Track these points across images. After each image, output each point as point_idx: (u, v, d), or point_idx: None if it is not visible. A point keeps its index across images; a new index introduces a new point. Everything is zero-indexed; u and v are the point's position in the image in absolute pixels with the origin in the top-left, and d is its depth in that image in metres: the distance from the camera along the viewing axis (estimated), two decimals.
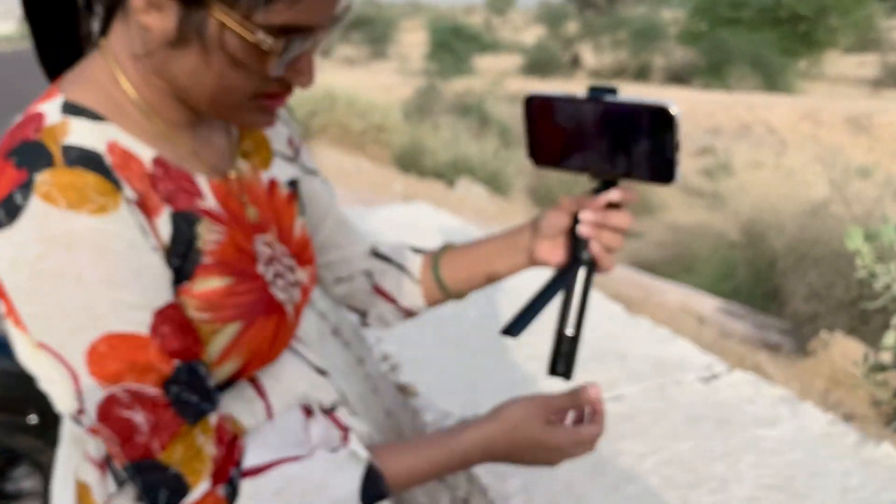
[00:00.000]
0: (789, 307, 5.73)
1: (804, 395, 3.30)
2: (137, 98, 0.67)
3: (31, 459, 1.93)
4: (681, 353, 1.18)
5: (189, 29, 0.61)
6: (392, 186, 7.31)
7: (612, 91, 0.77)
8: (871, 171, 10.51)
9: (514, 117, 13.12)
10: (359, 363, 0.91)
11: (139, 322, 0.60)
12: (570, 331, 0.80)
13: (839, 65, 24.30)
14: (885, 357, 2.43)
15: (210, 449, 0.64)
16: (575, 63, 27.19)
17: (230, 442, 0.66)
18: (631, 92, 0.82)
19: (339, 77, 9.18)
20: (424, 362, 1.66)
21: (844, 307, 5.66)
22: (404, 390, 1.52)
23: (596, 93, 0.78)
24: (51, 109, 0.64)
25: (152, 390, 0.60)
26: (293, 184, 0.85)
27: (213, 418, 0.64)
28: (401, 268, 0.97)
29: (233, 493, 0.64)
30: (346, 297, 0.99)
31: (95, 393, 0.59)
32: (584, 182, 0.89)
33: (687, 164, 12.55)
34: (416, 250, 1.00)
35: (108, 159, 0.63)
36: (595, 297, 1.45)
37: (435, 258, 0.95)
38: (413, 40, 33.07)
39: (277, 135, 0.86)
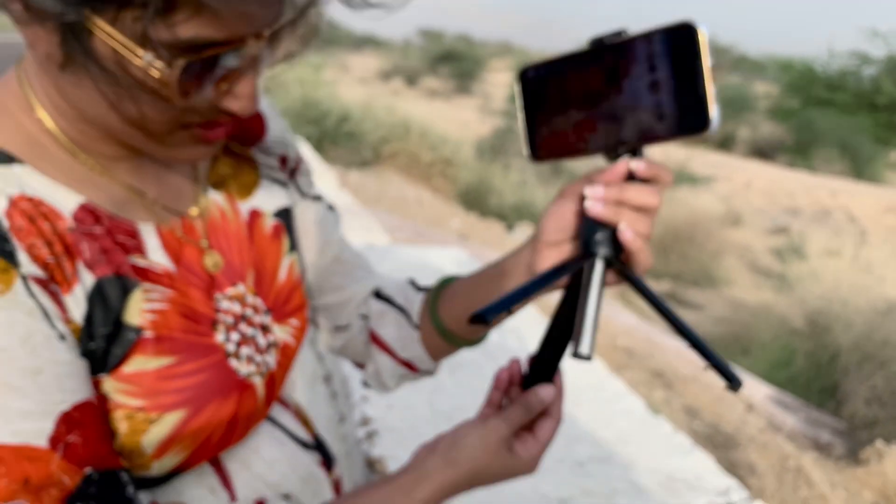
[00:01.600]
0: (847, 408, 5.43)
1: None
2: (57, 131, 0.55)
3: None
4: (697, 470, 1.03)
5: (73, 48, 0.48)
6: (450, 222, 7.23)
7: (619, 33, 0.60)
8: None
9: (590, 168, 12.98)
10: (340, 421, 0.79)
11: (35, 432, 0.48)
12: (584, 349, 0.59)
13: None
14: None
15: None
16: None
17: None
18: (712, 162, 0.64)
19: (420, 107, 9.22)
20: (407, 434, 1.50)
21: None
22: (373, 465, 1.36)
23: (599, 40, 0.60)
24: None
25: None
26: (283, 213, 0.72)
27: None
28: (401, 310, 0.80)
29: None
30: (345, 350, 0.84)
31: None
32: None
33: (759, 241, 12.19)
34: (419, 288, 0.82)
35: (5, 223, 0.51)
36: (615, 388, 1.31)
37: (434, 296, 0.78)
38: (499, 80, 33.34)
39: (266, 154, 0.73)
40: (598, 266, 0.60)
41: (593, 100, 0.61)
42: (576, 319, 0.60)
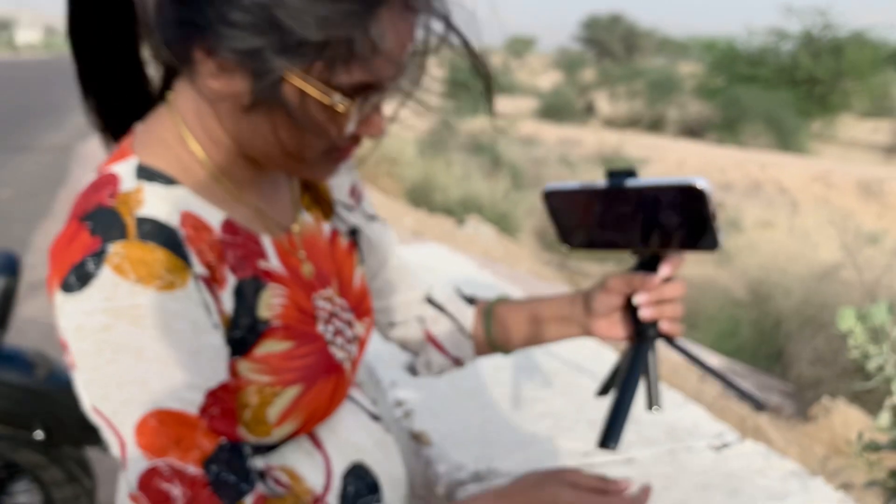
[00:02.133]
0: (793, 370, 5.71)
1: (804, 461, 3.27)
2: (205, 159, 0.67)
3: (32, 475, 1.92)
4: (693, 418, 1.19)
5: (262, 93, 0.60)
6: (403, 220, 7.34)
7: (632, 174, 0.76)
8: (881, 237, 10.52)
9: (527, 160, 13.17)
10: (372, 404, 0.92)
11: (191, 401, 0.60)
12: (656, 407, 0.79)
13: (852, 129, 24.43)
14: (881, 437, 2.42)
15: None
16: (589, 110, 27.38)
17: None
18: (645, 144, 0.82)
19: None
20: (438, 412, 1.66)
21: (849, 374, 5.61)
22: (418, 438, 1.52)
23: (615, 178, 0.76)
24: (125, 172, 0.65)
25: (193, 468, 0.60)
26: (354, 233, 0.86)
27: (249, 500, 0.64)
28: (453, 319, 0.97)
29: None
30: (402, 342, 0.99)
31: (139, 463, 0.60)
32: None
33: None
34: (469, 300, 0.99)
35: (181, 233, 0.63)
36: (608, 356, 1.46)
37: (487, 314, 0.95)
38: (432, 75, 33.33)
39: (339, 183, 0.86)
40: (652, 347, 0.79)
41: (613, 217, 0.79)
42: (646, 386, 0.78)
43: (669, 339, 0.81)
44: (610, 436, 0.75)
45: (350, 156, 0.69)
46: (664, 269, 0.79)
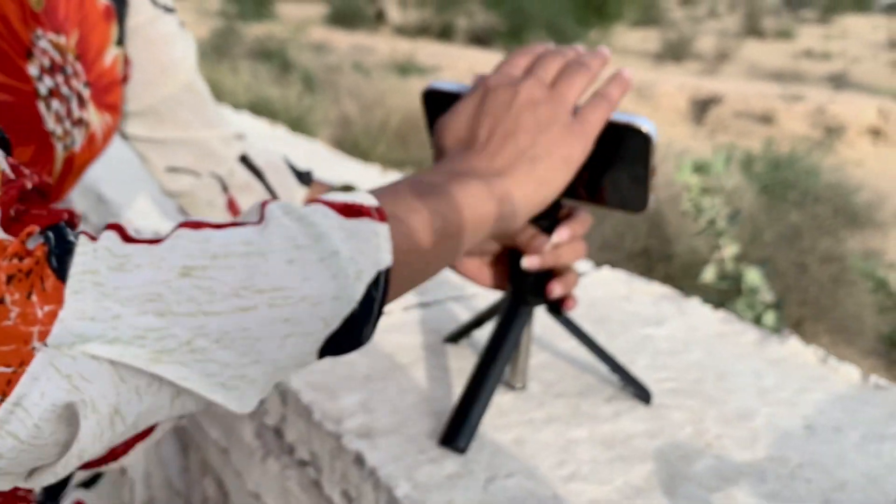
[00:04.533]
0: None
1: None
2: None
3: None
4: None
5: None
6: None
7: None
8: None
9: (318, 66, 12.68)
10: None
11: None
12: (520, 386, 0.70)
13: (625, 37, 25.91)
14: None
15: None
16: (380, 18, 26.88)
17: None
18: (436, 52, 0.63)
19: None
20: None
21: (634, 256, 5.98)
22: None
23: None
24: None
25: None
26: (119, 0, 0.64)
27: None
28: (272, 193, 0.75)
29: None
30: (180, 195, 0.75)
31: None
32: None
33: None
34: (302, 176, 0.77)
35: None
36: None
37: None
38: None
39: None
40: (530, 313, 0.66)
41: None
42: (513, 358, 0.67)
43: (557, 311, 0.67)
44: (459, 431, 0.60)
45: None
46: (562, 233, 0.62)
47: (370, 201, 0.40)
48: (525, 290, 0.65)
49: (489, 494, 0.56)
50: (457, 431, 0.60)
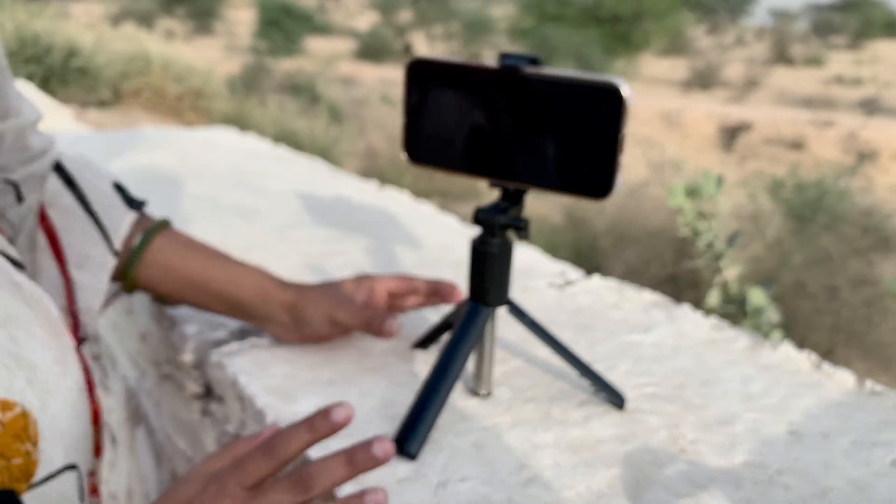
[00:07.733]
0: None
1: None
2: None
3: None
4: (529, 260, 0.98)
5: None
6: None
7: (534, 61, 0.56)
8: (682, 163, 11.20)
9: (346, 99, 12.83)
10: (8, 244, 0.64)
11: None
12: (484, 393, 0.68)
13: (652, 67, 25.87)
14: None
15: None
16: (407, 51, 27.17)
17: None
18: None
19: (156, 47, 8.45)
20: None
21: (661, 283, 5.89)
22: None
23: (511, 60, 0.56)
24: None
25: None
26: None
27: None
28: (97, 224, 0.64)
29: None
30: None
31: None
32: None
33: None
34: (130, 203, 0.68)
35: None
36: (424, 205, 1.24)
37: (143, 241, 0.66)
38: (241, 17, 31.73)
39: None
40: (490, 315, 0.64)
41: (486, 122, 0.57)
42: (476, 365, 0.66)
43: (520, 312, 0.65)
44: (410, 436, 0.58)
45: None
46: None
47: None
48: (483, 290, 0.62)
49: (439, 498, 0.53)
50: (407, 436, 0.57)
